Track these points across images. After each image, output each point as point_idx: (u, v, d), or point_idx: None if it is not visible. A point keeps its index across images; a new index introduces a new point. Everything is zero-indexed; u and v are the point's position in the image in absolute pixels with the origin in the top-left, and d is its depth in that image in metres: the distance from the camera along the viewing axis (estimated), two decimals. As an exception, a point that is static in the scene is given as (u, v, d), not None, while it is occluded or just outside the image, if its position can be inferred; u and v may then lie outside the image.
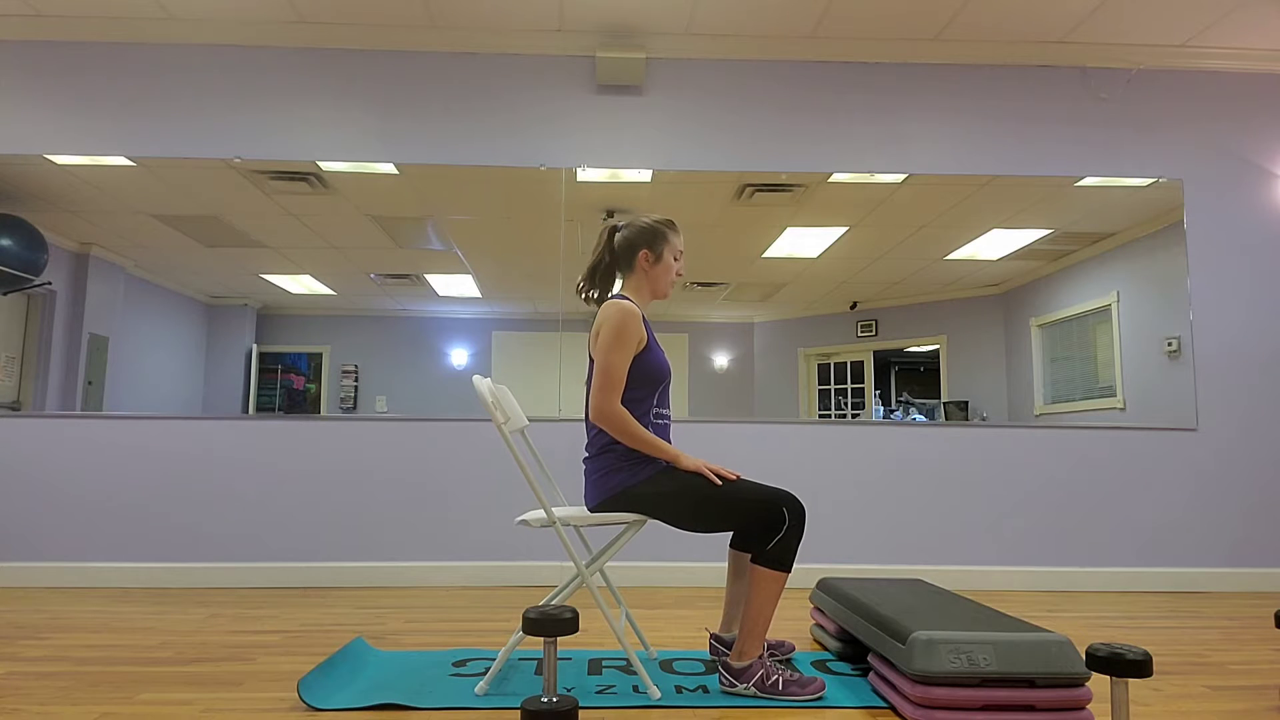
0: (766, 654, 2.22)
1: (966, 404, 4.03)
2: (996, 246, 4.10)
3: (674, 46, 4.06)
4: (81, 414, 3.81)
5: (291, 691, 2.08)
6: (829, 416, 4.05)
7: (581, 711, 1.94)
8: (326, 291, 3.99)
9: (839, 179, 4.06)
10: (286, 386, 3.92)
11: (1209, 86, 4.17)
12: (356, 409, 3.92)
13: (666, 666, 2.34)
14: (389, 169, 3.97)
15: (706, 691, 2.10)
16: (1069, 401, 4.01)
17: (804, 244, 4.10)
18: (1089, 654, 1.58)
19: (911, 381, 4.07)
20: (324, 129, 3.99)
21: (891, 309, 4.10)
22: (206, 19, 3.89)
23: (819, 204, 4.05)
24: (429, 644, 2.63)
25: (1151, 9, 3.77)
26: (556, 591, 2.35)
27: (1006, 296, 4.09)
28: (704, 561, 3.87)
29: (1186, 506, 3.95)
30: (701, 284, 4.08)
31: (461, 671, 2.27)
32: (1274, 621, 2.25)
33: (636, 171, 4.04)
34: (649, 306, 2.40)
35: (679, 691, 2.09)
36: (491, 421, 2.98)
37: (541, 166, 4.01)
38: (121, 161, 3.91)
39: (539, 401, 3.93)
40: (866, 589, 2.46)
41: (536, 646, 2.58)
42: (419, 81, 4.03)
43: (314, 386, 3.93)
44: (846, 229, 4.08)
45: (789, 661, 2.41)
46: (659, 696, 2.03)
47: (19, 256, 3.83)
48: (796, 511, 2.05)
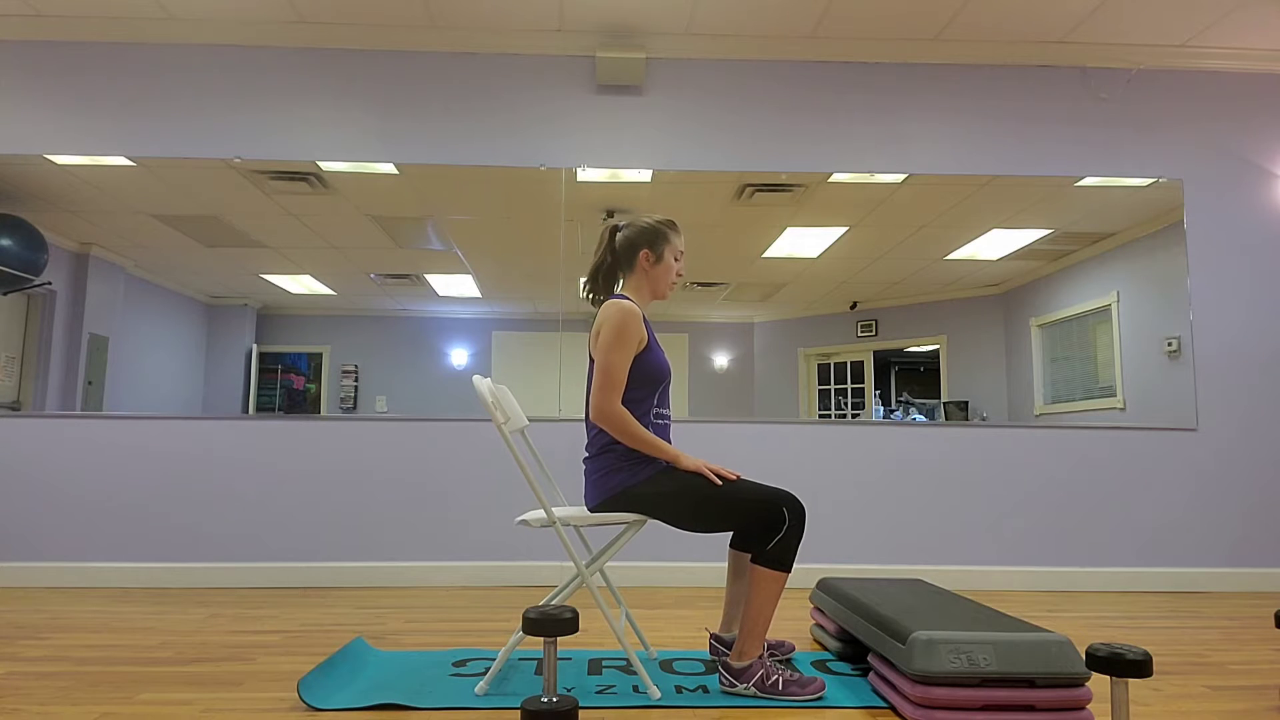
0: (766, 654, 2.22)
1: (966, 404, 4.03)
2: (996, 246, 4.10)
3: (674, 46, 4.06)
4: (81, 414, 3.81)
5: (291, 691, 2.08)
6: (829, 416, 4.05)
7: (581, 711, 1.94)
8: (326, 291, 3.99)
9: (839, 179, 4.06)
10: (286, 386, 3.92)
11: (1209, 86, 4.17)
12: (356, 409, 3.92)
13: (666, 666, 2.34)
14: (389, 169, 3.97)
15: (706, 691, 2.10)
16: (1069, 401, 4.01)
17: (804, 244, 4.10)
18: (1089, 654, 1.58)
19: (911, 381, 4.07)
20: (324, 129, 3.99)
21: (891, 309, 4.10)
22: (206, 19, 3.89)
23: (819, 204, 4.05)
24: (429, 644, 2.63)
25: (1151, 9, 3.77)
26: (556, 591, 2.35)
27: (1006, 296, 4.09)
28: (704, 561, 3.87)
29: (1186, 506, 3.95)
30: (701, 284, 4.08)
31: (461, 671, 2.27)
32: (1274, 621, 2.25)
33: (636, 171, 4.04)
34: (649, 307, 2.40)
35: (679, 691, 2.09)
36: (491, 421, 2.98)
37: (541, 166, 4.01)
38: (121, 161, 3.91)
39: (539, 401, 3.93)
40: (866, 589, 2.46)
41: (536, 646, 2.58)
42: (419, 81, 4.04)
43: (314, 386, 3.93)
44: (846, 229, 4.08)
45: (789, 661, 2.41)
46: (659, 696, 2.03)
47: (19, 256, 3.83)
48: (796, 511, 2.05)
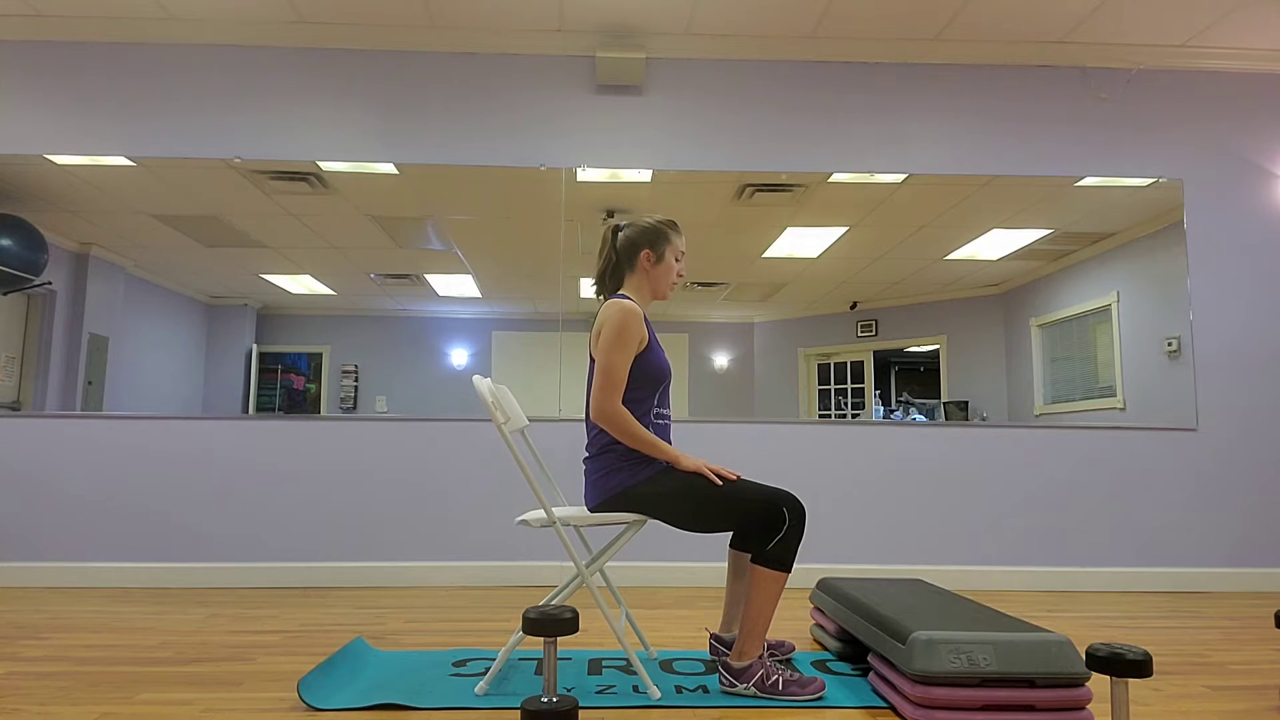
0: (766, 654, 2.22)
1: (966, 404, 4.03)
2: (996, 246, 4.10)
3: (674, 46, 4.06)
4: (81, 414, 3.81)
5: (291, 691, 2.08)
6: (829, 416, 4.05)
7: (581, 711, 1.94)
8: (326, 291, 3.99)
9: (839, 179, 4.06)
10: (286, 386, 3.92)
11: (1209, 86, 4.17)
12: (356, 409, 3.92)
13: (666, 666, 2.34)
14: (389, 169, 3.97)
15: (706, 691, 2.10)
16: (1069, 401, 4.01)
17: (804, 244, 4.10)
18: (1089, 654, 1.58)
19: (911, 381, 4.07)
20: (324, 129, 3.99)
21: (891, 309, 4.10)
22: (206, 19, 3.89)
23: (819, 204, 4.05)
24: (429, 644, 2.63)
25: (1151, 9, 3.77)
26: (556, 591, 2.35)
27: (1006, 296, 4.09)
28: (704, 561, 3.87)
29: (1186, 506, 3.95)
30: (701, 284, 4.08)
31: (461, 671, 2.27)
32: (1274, 621, 2.25)
33: (636, 171, 4.04)
34: (649, 307, 2.40)
35: (679, 691, 2.09)
36: (491, 421, 2.98)
37: (541, 166, 4.01)
38: (121, 161, 3.91)
39: (539, 401, 3.93)
40: (866, 589, 2.46)
41: (536, 646, 2.58)
42: (419, 81, 4.04)
43: (314, 386, 3.93)
44: (846, 229, 4.08)
45: (789, 661, 2.41)
46: (659, 696, 2.03)
47: (19, 256, 3.83)
48: (796, 511, 2.05)
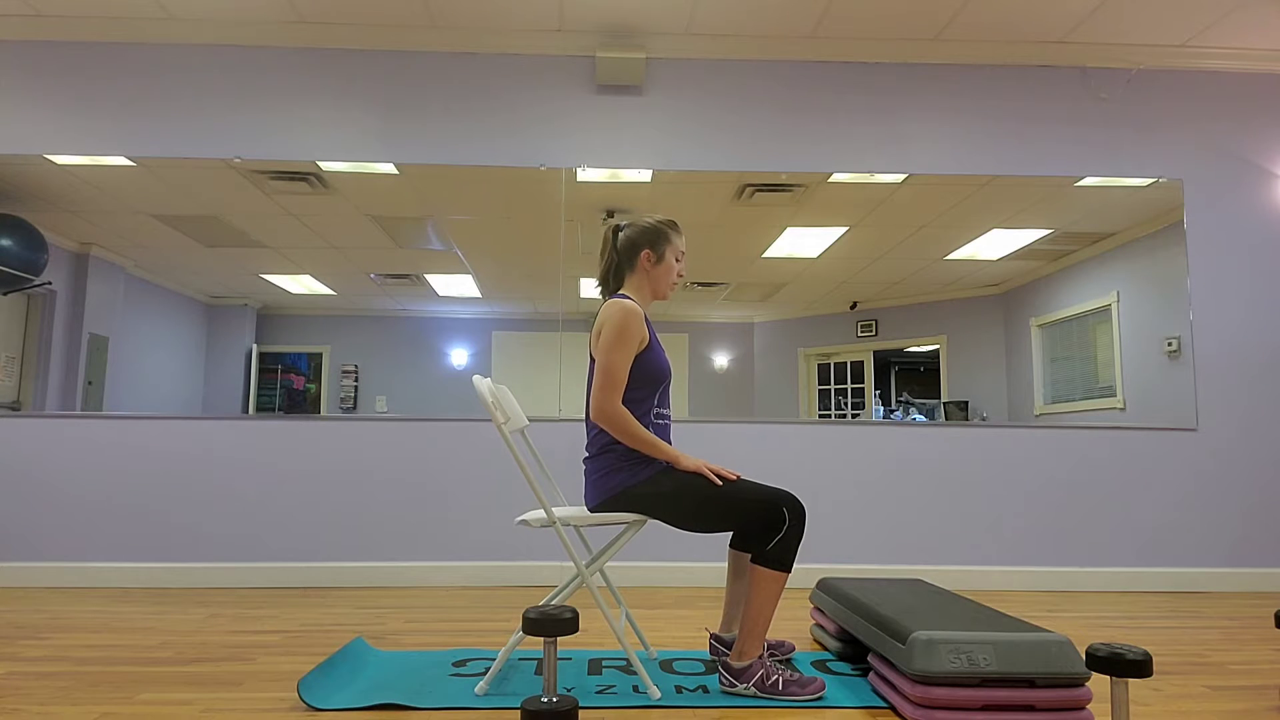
0: (766, 654, 2.22)
1: (966, 404, 4.03)
2: (996, 246, 4.10)
3: (674, 46, 4.06)
4: (81, 414, 3.81)
5: (291, 691, 2.08)
6: (829, 416, 4.05)
7: (581, 711, 1.94)
8: (326, 291, 3.99)
9: (839, 179, 4.06)
10: (286, 386, 3.92)
11: (1209, 86, 4.17)
12: (356, 409, 3.92)
13: (666, 666, 2.34)
14: (389, 169, 3.97)
15: (706, 691, 2.10)
16: (1069, 401, 4.01)
17: (804, 244, 4.10)
18: (1089, 654, 1.58)
19: (911, 381, 4.07)
20: (324, 129, 3.99)
21: (891, 309, 4.10)
22: (206, 19, 3.89)
23: (819, 204, 4.05)
24: (429, 644, 2.63)
25: (1151, 9, 3.77)
26: (556, 591, 2.35)
27: (1006, 296, 4.09)
28: (704, 561, 3.87)
29: (1186, 506, 3.95)
30: (701, 284, 4.08)
31: (461, 671, 2.27)
32: (1274, 621, 2.25)
33: (636, 171, 4.04)
34: (649, 307, 2.40)
35: (679, 691, 2.09)
36: (491, 421, 2.98)
37: (541, 166, 4.01)
38: (121, 161, 3.91)
39: (539, 401, 3.93)
40: (866, 589, 2.46)
41: (536, 646, 2.58)
42: (419, 81, 4.03)
43: (314, 386, 3.93)
44: (846, 229, 4.08)
45: (789, 661, 2.41)
46: (659, 696, 2.03)
47: (19, 256, 3.83)
48: (796, 511, 2.05)
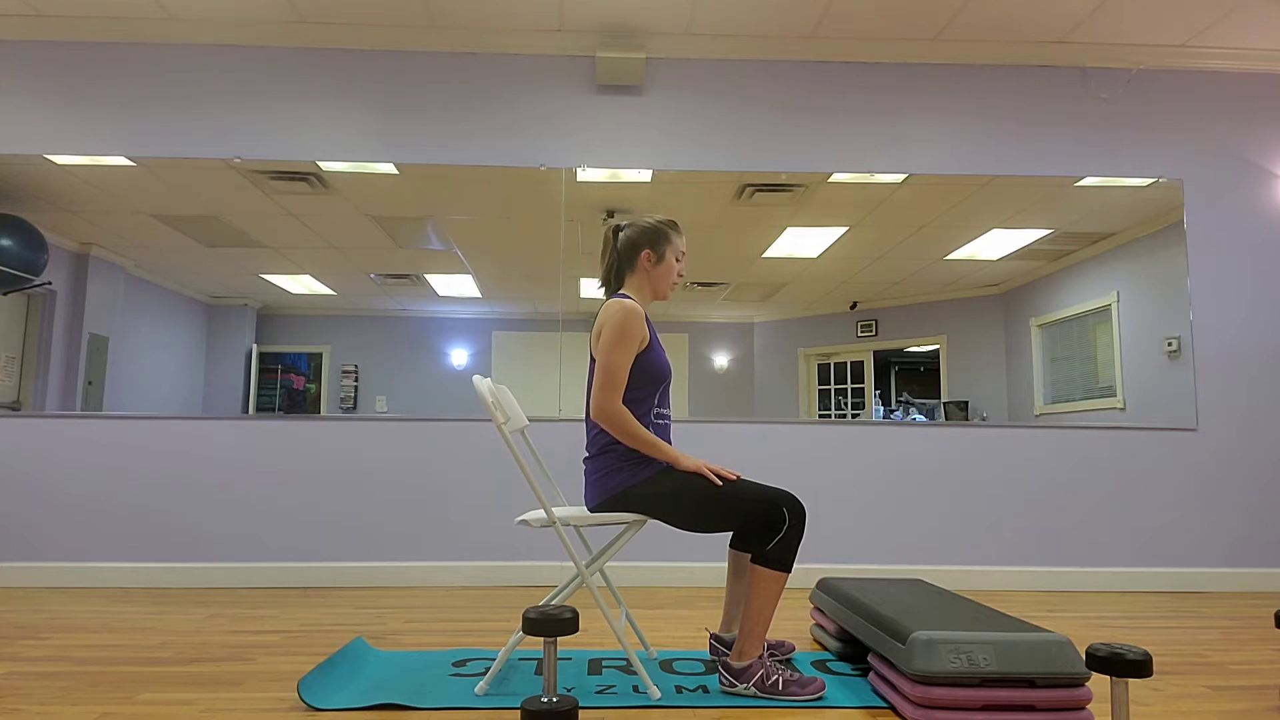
0: (766, 654, 2.22)
1: (966, 404, 4.03)
2: (996, 246, 4.10)
3: (674, 46, 4.06)
4: (81, 414, 3.81)
5: (291, 691, 2.08)
6: (829, 416, 4.05)
7: (581, 711, 1.94)
8: (326, 291, 3.99)
9: (839, 179, 4.06)
10: (286, 386, 3.92)
11: (1209, 86, 4.17)
12: (356, 409, 3.92)
13: (666, 666, 2.34)
14: (389, 169, 3.97)
15: (706, 691, 2.10)
16: (1069, 401, 4.01)
17: (804, 244, 4.10)
18: (1089, 654, 1.58)
19: (911, 381, 4.07)
20: (324, 129, 3.99)
21: (891, 309, 4.10)
22: (206, 19, 3.89)
23: (819, 204, 4.05)
24: (429, 644, 2.63)
25: (1151, 9, 3.77)
26: (556, 591, 2.35)
27: (1006, 296, 4.09)
28: (704, 561, 3.87)
29: (1186, 506, 3.95)
30: (701, 284, 4.08)
31: (461, 671, 2.27)
32: (1274, 621, 2.25)
33: (636, 171, 4.04)
34: (650, 307, 2.40)
35: (679, 691, 2.09)
36: (491, 421, 2.98)
37: (541, 166, 4.01)
38: (121, 161, 3.91)
39: (539, 401, 3.93)
40: (866, 589, 2.46)
41: (536, 646, 2.58)
42: (419, 81, 4.03)
43: (314, 386, 3.93)
44: (846, 229, 4.08)
45: (789, 661, 2.41)
46: (659, 696, 2.03)
47: (19, 256, 3.83)
48: (796, 511, 2.05)
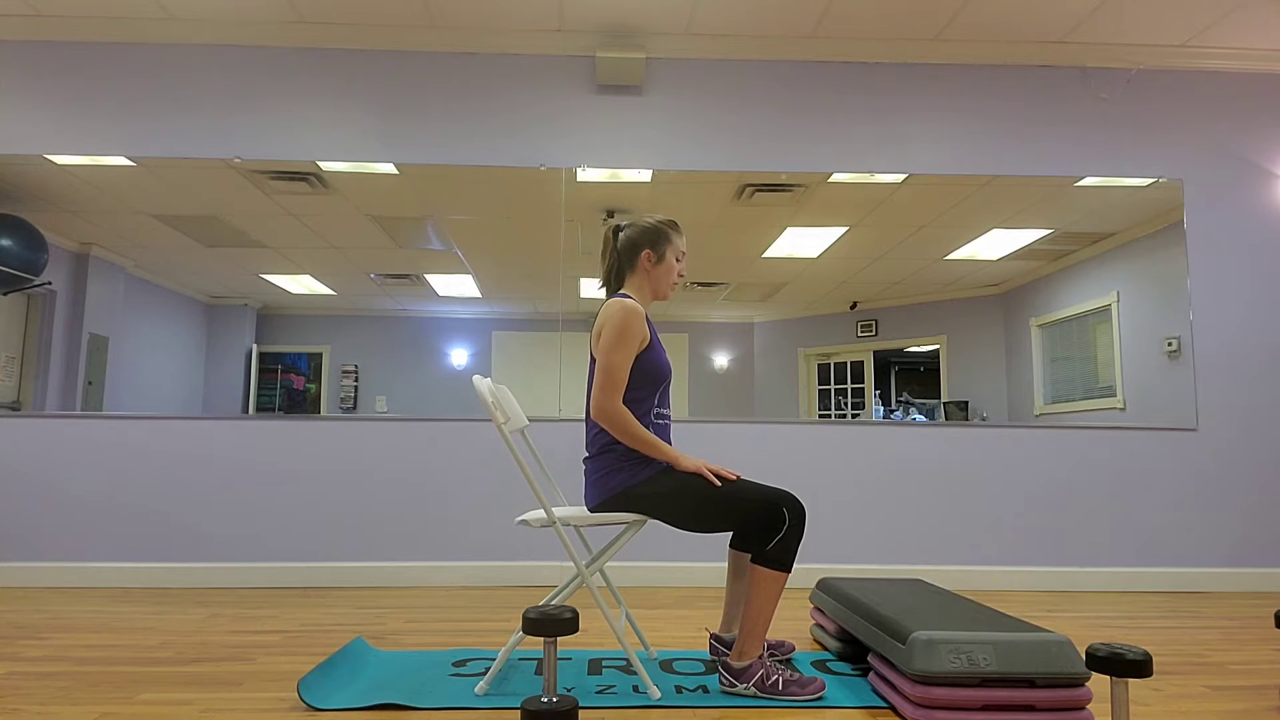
0: (766, 654, 2.22)
1: (966, 404, 4.03)
2: (996, 246, 4.10)
3: (674, 46, 4.06)
4: (81, 414, 3.81)
5: (291, 691, 2.08)
6: (829, 416, 4.05)
7: (581, 711, 1.94)
8: (326, 291, 3.99)
9: (839, 179, 4.06)
10: (286, 386, 3.92)
11: (1209, 86, 4.17)
12: (356, 409, 3.92)
13: (666, 666, 2.34)
14: (389, 169, 3.97)
15: (706, 691, 2.10)
16: (1069, 401, 4.01)
17: (804, 244, 4.10)
18: (1089, 654, 1.58)
19: (911, 381, 4.07)
20: (324, 129, 3.99)
21: (891, 309, 4.10)
22: (206, 19, 3.89)
23: (819, 204, 4.05)
24: (429, 644, 2.63)
25: (1151, 9, 3.77)
26: (556, 591, 2.35)
27: (1006, 296, 4.09)
28: (704, 561, 3.87)
29: (1186, 506, 3.95)
30: (701, 284, 4.08)
31: (461, 671, 2.27)
32: (1274, 621, 2.25)
33: (636, 171, 4.04)
34: (650, 307, 2.40)
35: (679, 691, 2.09)
36: (491, 421, 2.98)
37: (541, 166, 4.01)
38: (121, 161, 3.91)
39: (539, 401, 3.93)
40: (866, 589, 2.46)
41: (536, 646, 2.58)
42: (419, 81, 4.03)
43: (314, 386, 3.93)
44: (846, 229, 4.08)
45: (789, 661, 2.41)
46: (659, 696, 2.03)
47: (19, 256, 3.83)
48: (796, 511, 2.05)
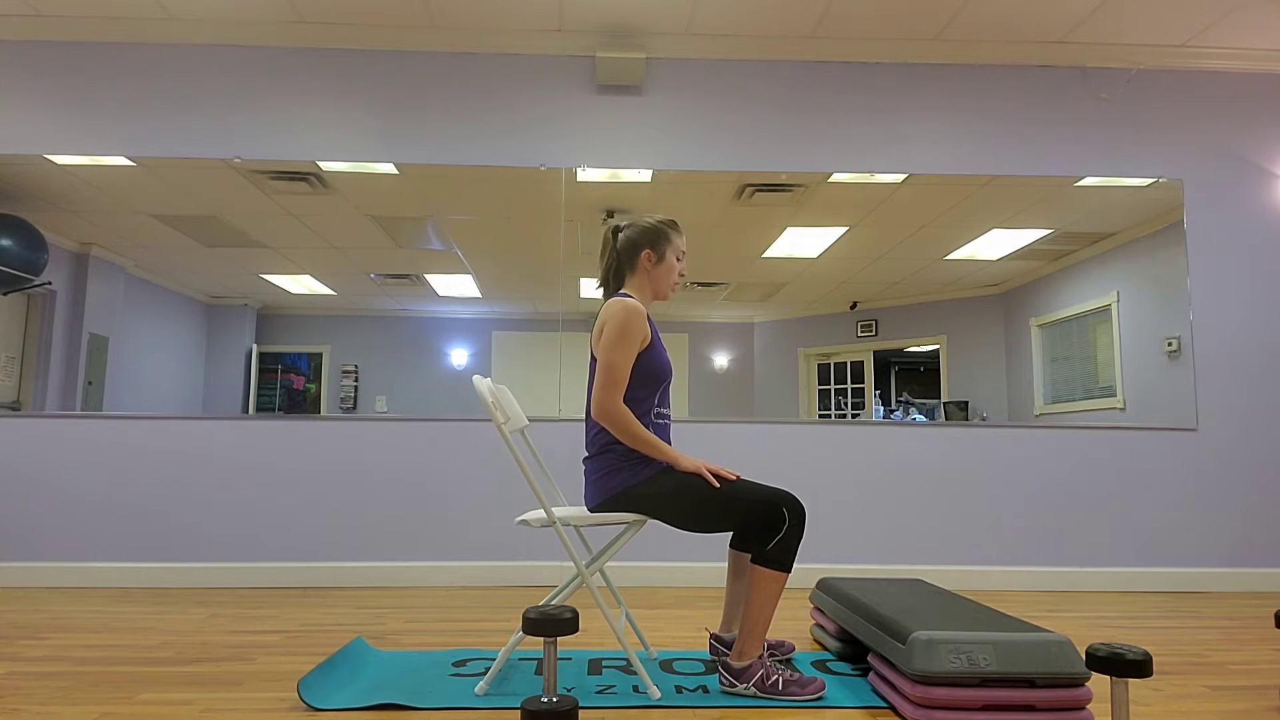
0: (766, 654, 2.22)
1: (966, 404, 4.03)
2: (996, 246, 4.10)
3: (674, 46, 4.06)
4: (81, 414, 3.81)
5: (291, 691, 2.08)
6: (829, 416, 4.05)
7: (581, 711, 1.94)
8: (326, 291, 3.99)
9: (839, 179, 4.06)
10: (286, 386, 3.92)
11: (1209, 86, 4.17)
12: (356, 409, 3.92)
13: (666, 666, 2.34)
14: (389, 169, 3.97)
15: (706, 691, 2.10)
16: (1069, 401, 4.01)
17: (804, 244, 4.10)
18: (1089, 654, 1.58)
19: (911, 381, 4.07)
20: (324, 129, 3.99)
21: (891, 309, 4.10)
22: (206, 19, 3.89)
23: (819, 204, 4.05)
24: (429, 644, 2.63)
25: (1151, 9, 3.77)
26: (556, 591, 2.35)
27: (1006, 296, 4.09)
28: (704, 561, 3.87)
29: (1186, 506, 3.95)
30: (701, 284, 4.08)
31: (461, 671, 2.27)
32: (1274, 621, 2.25)
33: (636, 171, 4.04)
34: (650, 307, 2.40)
35: (679, 691, 2.09)
36: (491, 421, 2.98)
37: (541, 166, 4.01)
38: (121, 161, 3.91)
39: (539, 401, 3.93)
40: (866, 589, 2.46)
41: (536, 646, 2.58)
42: (419, 81, 4.03)
43: (314, 386, 3.93)
44: (846, 229, 4.08)
45: (789, 661, 2.41)
46: (659, 696, 2.03)
47: (19, 256, 3.83)
48: (796, 511, 2.05)
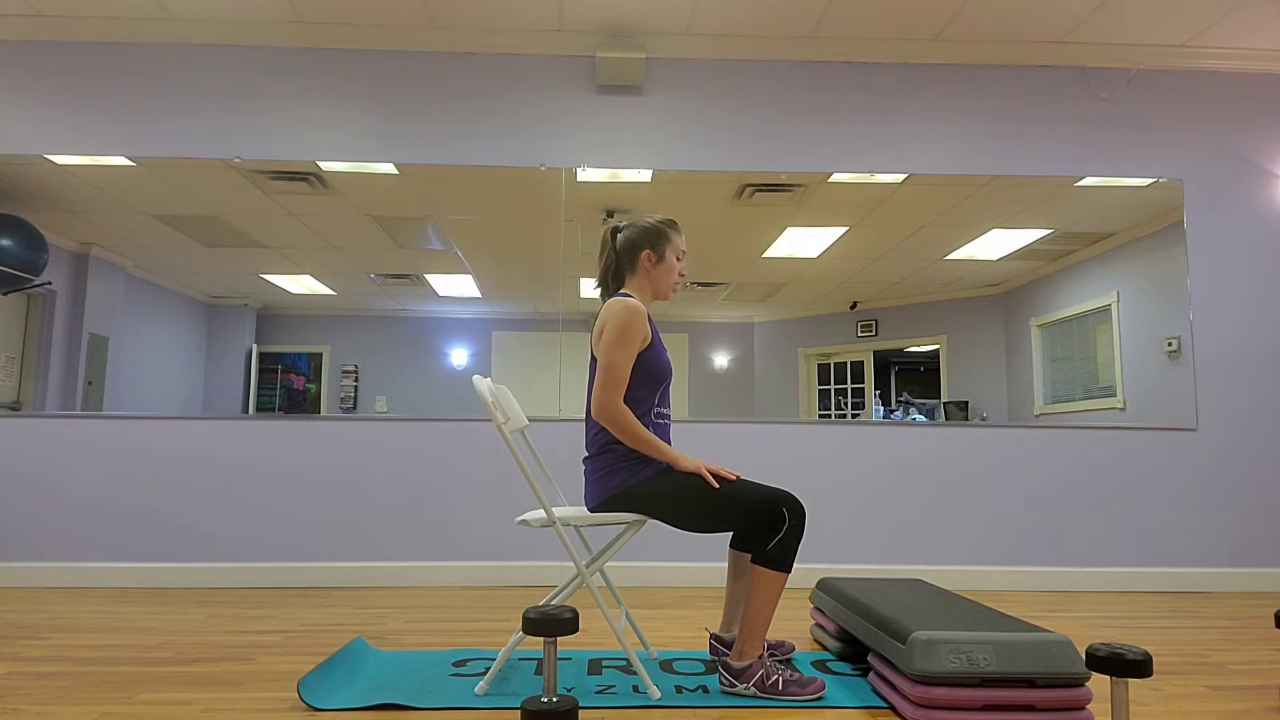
0: (766, 654, 2.22)
1: (966, 404, 4.03)
2: (996, 246, 4.10)
3: (674, 46, 4.06)
4: (81, 414, 3.81)
5: (291, 691, 2.08)
6: (829, 416, 4.05)
7: (581, 711, 1.94)
8: (326, 291, 3.99)
9: (839, 179, 4.06)
10: (286, 386, 3.92)
11: (1209, 86, 4.17)
12: (356, 409, 3.92)
13: (666, 666, 2.34)
14: (389, 169, 3.97)
15: (706, 691, 2.10)
16: (1069, 401, 4.01)
17: (804, 244, 4.10)
18: (1089, 654, 1.58)
19: (911, 381, 4.07)
20: (324, 129, 3.99)
21: (891, 309, 4.10)
22: (206, 19, 3.89)
23: (819, 204, 4.05)
24: (429, 644, 2.63)
25: (1151, 9, 3.77)
26: (556, 591, 2.35)
27: (1006, 296, 4.09)
28: (704, 561, 3.87)
29: (1186, 506, 3.95)
30: (701, 284, 4.08)
31: (461, 671, 2.27)
32: (1274, 621, 2.25)
33: (636, 171, 4.04)
34: (651, 307, 2.40)
35: (679, 691, 2.09)
36: (491, 421, 2.98)
37: (541, 166, 4.01)
38: (121, 161, 3.91)
39: (539, 401, 3.93)
40: (866, 589, 2.46)
41: (536, 646, 2.58)
42: (419, 81, 4.03)
43: (314, 386, 3.93)
44: (846, 229, 4.08)
45: (789, 661, 2.41)
46: (659, 696, 2.03)
47: (19, 256, 3.83)
48: (796, 511, 2.05)
